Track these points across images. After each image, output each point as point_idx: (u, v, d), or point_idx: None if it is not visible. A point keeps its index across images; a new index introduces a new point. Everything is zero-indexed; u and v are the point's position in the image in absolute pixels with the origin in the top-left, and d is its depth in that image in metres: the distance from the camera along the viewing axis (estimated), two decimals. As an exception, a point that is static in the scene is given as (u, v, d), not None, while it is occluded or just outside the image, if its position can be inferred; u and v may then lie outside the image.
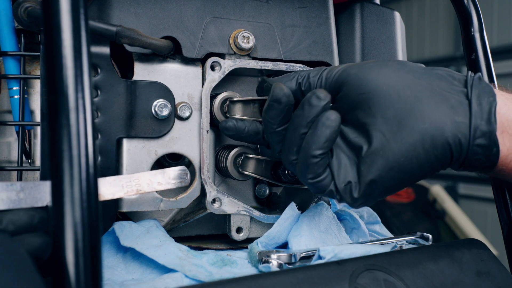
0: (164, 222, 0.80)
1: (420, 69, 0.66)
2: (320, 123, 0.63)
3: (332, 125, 0.63)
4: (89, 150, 0.43)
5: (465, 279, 0.66)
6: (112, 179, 0.61)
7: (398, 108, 0.62)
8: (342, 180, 0.65)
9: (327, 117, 0.63)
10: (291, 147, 0.67)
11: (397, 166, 0.62)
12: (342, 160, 0.66)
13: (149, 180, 0.64)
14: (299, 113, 0.65)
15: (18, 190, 0.52)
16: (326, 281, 0.59)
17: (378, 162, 0.62)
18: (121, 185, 0.62)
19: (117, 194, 0.61)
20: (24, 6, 0.68)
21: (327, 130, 0.63)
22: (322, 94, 0.64)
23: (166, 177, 0.66)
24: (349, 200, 0.65)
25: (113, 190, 0.61)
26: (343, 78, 0.66)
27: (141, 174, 0.63)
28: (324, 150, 0.64)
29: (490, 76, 0.92)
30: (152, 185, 0.64)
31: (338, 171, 0.65)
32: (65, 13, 0.44)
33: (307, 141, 0.64)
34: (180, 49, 0.76)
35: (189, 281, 0.65)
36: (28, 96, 0.76)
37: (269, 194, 0.89)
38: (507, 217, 0.85)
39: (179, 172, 0.67)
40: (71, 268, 0.41)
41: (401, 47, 1.01)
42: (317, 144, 0.63)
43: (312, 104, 0.64)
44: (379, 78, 0.64)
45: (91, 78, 0.45)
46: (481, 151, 0.62)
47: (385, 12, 0.98)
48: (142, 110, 0.73)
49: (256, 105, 0.80)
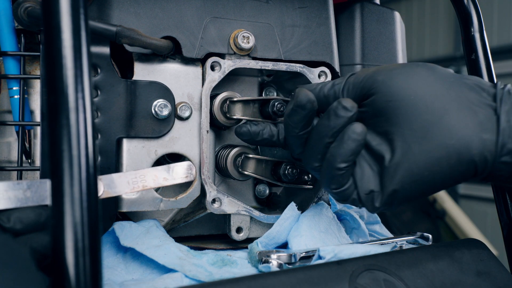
0: (164, 222, 0.80)
1: (450, 77, 0.65)
2: (346, 136, 0.62)
3: (358, 139, 0.62)
4: (89, 150, 0.43)
5: (465, 279, 0.66)
6: (118, 176, 0.61)
7: (426, 120, 0.61)
8: (365, 189, 0.64)
9: (353, 130, 0.62)
10: (314, 155, 0.66)
11: (420, 179, 0.61)
12: (365, 170, 0.65)
13: (155, 176, 0.64)
14: (324, 123, 0.64)
15: (25, 189, 0.52)
16: (326, 281, 0.59)
17: (401, 173, 0.61)
18: (127, 182, 0.61)
19: (123, 191, 0.61)
20: (24, 6, 0.68)
21: (353, 144, 0.62)
22: (349, 104, 0.63)
23: (172, 173, 0.65)
24: (370, 208, 0.65)
25: (119, 187, 0.61)
26: (370, 84, 0.65)
27: (147, 170, 0.63)
28: (349, 163, 0.63)
29: (490, 76, 0.92)
30: (158, 180, 0.64)
31: (361, 181, 0.64)
32: (65, 13, 0.44)
33: (332, 153, 0.64)
34: (180, 49, 0.76)
35: (189, 281, 0.65)
36: (28, 96, 0.76)
37: (269, 194, 0.89)
38: (507, 217, 0.85)
39: (184, 167, 0.66)
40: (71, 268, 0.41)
41: (401, 47, 1.01)
42: (343, 157, 0.63)
43: (339, 114, 0.63)
44: (407, 86, 0.63)
45: (91, 78, 0.45)
46: (505, 168, 0.61)
47: (385, 12, 0.98)
48: (142, 110, 0.73)
49: (256, 105, 0.80)
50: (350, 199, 0.65)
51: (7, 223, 0.51)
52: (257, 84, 0.88)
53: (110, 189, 0.60)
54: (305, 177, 0.84)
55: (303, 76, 0.83)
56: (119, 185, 0.61)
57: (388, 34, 0.98)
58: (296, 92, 0.66)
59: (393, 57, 0.99)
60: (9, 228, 0.50)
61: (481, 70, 0.92)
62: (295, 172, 0.81)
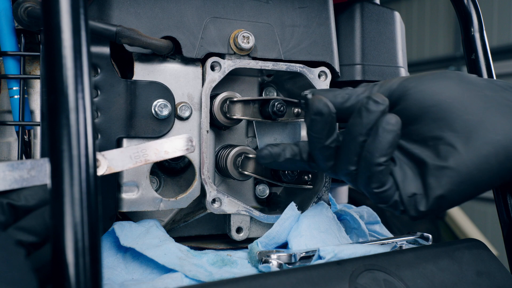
0: (164, 222, 0.80)
1: (481, 80, 0.65)
2: (381, 129, 0.60)
3: (394, 129, 0.60)
4: (89, 150, 0.43)
5: (465, 279, 0.66)
6: (120, 151, 0.60)
7: (467, 120, 0.60)
8: (408, 191, 0.62)
9: (387, 121, 0.60)
10: (350, 157, 0.63)
11: (469, 179, 0.60)
12: (407, 171, 0.63)
13: (156, 149, 0.63)
14: (356, 121, 0.62)
15: (29, 168, 0.53)
16: (326, 281, 0.59)
17: (449, 175, 0.60)
18: (129, 156, 0.61)
19: (127, 166, 0.60)
20: (24, 6, 0.68)
21: (389, 135, 0.60)
22: (380, 98, 0.61)
23: (173, 146, 0.65)
24: (414, 213, 0.62)
25: (122, 162, 0.60)
26: (401, 91, 0.64)
27: (147, 144, 0.62)
28: (388, 157, 0.61)
29: (490, 76, 0.92)
30: (159, 154, 0.63)
31: (403, 182, 0.63)
32: (65, 13, 0.44)
33: (368, 149, 0.61)
34: (180, 49, 0.76)
35: (189, 281, 0.65)
36: (28, 96, 0.76)
37: (269, 194, 0.89)
38: (507, 217, 0.85)
39: (184, 140, 0.66)
40: (71, 268, 0.41)
41: (401, 47, 1.01)
42: (381, 151, 0.61)
43: (370, 109, 0.61)
44: (441, 90, 0.62)
45: (91, 78, 0.45)
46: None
47: (385, 12, 0.98)
48: (142, 110, 0.73)
49: (256, 105, 0.80)
50: (392, 201, 0.63)
51: (18, 201, 0.52)
52: (257, 84, 0.88)
53: (113, 164, 0.59)
54: (305, 177, 0.84)
55: (303, 76, 0.83)
56: (122, 160, 0.60)
57: (388, 34, 0.98)
58: (309, 102, 0.64)
59: (393, 57, 0.99)
60: (21, 206, 0.51)
61: (481, 70, 0.92)
62: (295, 172, 0.81)
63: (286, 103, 0.80)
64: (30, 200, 0.52)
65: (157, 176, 0.81)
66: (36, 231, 0.51)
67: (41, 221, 0.51)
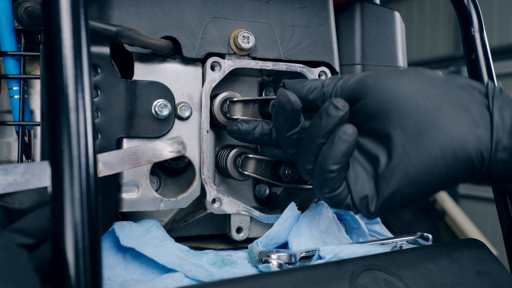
0: (164, 222, 0.80)
1: (439, 78, 0.64)
2: (337, 138, 0.61)
3: (349, 140, 0.61)
4: (89, 150, 0.43)
5: (465, 279, 0.66)
6: (112, 154, 0.60)
7: (418, 120, 0.60)
8: (359, 194, 0.63)
9: (344, 131, 0.61)
10: (308, 156, 0.65)
11: (417, 180, 0.60)
12: (359, 173, 0.64)
13: (148, 152, 0.63)
14: (316, 123, 0.63)
15: (23, 172, 0.53)
16: (326, 281, 0.59)
17: (397, 176, 0.60)
18: (122, 158, 0.61)
19: (119, 169, 0.61)
20: (24, 6, 0.68)
21: (344, 145, 0.61)
22: (340, 104, 0.62)
23: (163, 148, 0.65)
24: (366, 213, 0.63)
25: (114, 164, 0.60)
26: (360, 88, 0.65)
27: (138, 147, 0.63)
28: (341, 165, 0.62)
29: (490, 76, 0.92)
30: (151, 157, 0.64)
31: (355, 185, 0.63)
32: (65, 13, 0.44)
33: (323, 155, 0.62)
34: (180, 49, 0.76)
35: (189, 281, 0.65)
36: (28, 96, 0.76)
37: (269, 194, 0.89)
38: (507, 217, 0.85)
39: (175, 142, 0.66)
40: (71, 268, 0.41)
41: (401, 47, 1.01)
42: (334, 159, 0.61)
43: (330, 114, 0.62)
44: (397, 88, 0.62)
45: (91, 78, 0.45)
46: (502, 166, 0.60)
47: (385, 12, 0.98)
48: (142, 110, 0.73)
49: (256, 105, 0.80)
50: (344, 204, 0.64)
51: (12, 204, 0.52)
52: (257, 84, 0.88)
53: (107, 167, 0.60)
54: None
55: (303, 76, 0.83)
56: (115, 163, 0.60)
57: (388, 34, 0.98)
58: (277, 93, 0.66)
59: (393, 57, 0.99)
60: (15, 209, 0.51)
61: (481, 70, 0.92)
62: (295, 172, 0.81)
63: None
64: (24, 202, 0.52)
65: (157, 176, 0.81)
66: (32, 233, 0.51)
67: (37, 223, 0.51)
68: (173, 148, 0.65)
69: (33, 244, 0.51)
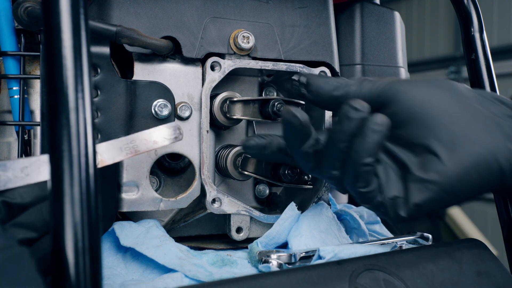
0: (164, 222, 0.80)
1: (470, 92, 0.65)
2: (369, 129, 0.61)
3: (381, 129, 0.61)
4: (89, 150, 0.43)
5: (465, 279, 0.66)
6: (110, 143, 0.60)
7: (453, 131, 0.61)
8: (390, 193, 0.62)
9: (375, 121, 0.61)
10: (332, 163, 0.64)
11: (450, 189, 0.60)
12: (389, 173, 0.64)
13: (145, 140, 0.63)
14: (337, 129, 0.62)
15: (22, 167, 0.53)
16: (326, 281, 0.59)
17: (430, 185, 0.60)
18: (120, 148, 0.61)
19: (118, 158, 0.60)
20: (24, 6, 0.68)
21: (376, 136, 0.60)
22: (359, 104, 0.61)
23: (161, 135, 0.65)
24: (394, 216, 0.63)
25: (112, 154, 0.60)
26: (391, 93, 0.64)
27: (136, 135, 0.62)
28: (375, 157, 0.62)
29: (490, 76, 0.92)
30: (148, 144, 0.64)
31: (387, 183, 0.63)
32: (65, 13, 0.44)
33: (356, 150, 0.61)
34: (180, 49, 0.76)
35: (189, 281, 0.65)
36: (28, 96, 0.76)
37: (269, 194, 0.89)
38: (507, 217, 0.85)
39: (171, 128, 0.66)
40: (71, 268, 0.41)
41: (401, 47, 1.01)
42: (367, 151, 0.61)
43: (351, 117, 0.61)
44: (431, 98, 0.63)
45: (91, 78, 0.45)
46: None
47: (385, 12, 0.98)
48: (142, 110, 0.73)
49: (256, 105, 0.80)
50: (375, 201, 0.63)
51: (13, 199, 0.52)
52: (257, 84, 0.88)
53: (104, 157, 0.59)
54: (305, 177, 0.84)
55: (303, 76, 0.83)
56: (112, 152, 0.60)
57: (388, 34, 0.98)
58: (281, 112, 0.64)
59: (393, 57, 0.99)
60: (17, 204, 0.52)
61: (481, 70, 0.92)
62: (295, 172, 0.81)
63: (286, 103, 0.80)
64: (25, 197, 0.52)
65: (157, 176, 0.81)
66: (35, 226, 0.51)
67: (39, 216, 0.51)
68: (169, 133, 0.65)
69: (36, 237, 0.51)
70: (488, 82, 0.92)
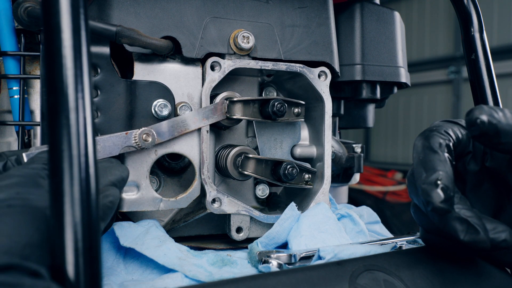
0: (164, 222, 0.80)
1: None
2: None
3: None
4: (89, 150, 0.43)
5: (465, 279, 0.66)
6: (164, 123, 0.69)
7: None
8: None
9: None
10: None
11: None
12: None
13: (195, 118, 0.72)
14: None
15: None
16: (326, 281, 0.59)
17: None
18: (172, 126, 0.69)
19: (169, 136, 0.67)
20: (24, 6, 0.68)
21: None
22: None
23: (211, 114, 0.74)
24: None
25: (166, 133, 0.69)
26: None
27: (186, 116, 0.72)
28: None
29: (490, 76, 0.93)
30: (197, 122, 0.73)
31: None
32: (65, 13, 0.44)
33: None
34: (180, 49, 0.76)
35: (189, 281, 0.65)
36: (28, 96, 0.76)
37: (269, 194, 0.89)
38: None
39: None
40: (70, 268, 0.41)
41: (401, 47, 1.01)
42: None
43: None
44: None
45: (91, 78, 0.45)
46: None
47: (385, 12, 0.98)
48: (142, 110, 0.73)
49: (256, 105, 0.80)
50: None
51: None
52: (257, 84, 0.88)
53: (160, 136, 0.69)
54: (305, 177, 0.84)
55: (303, 76, 0.83)
56: (166, 131, 0.70)
57: (388, 34, 0.98)
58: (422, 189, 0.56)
59: (393, 57, 0.99)
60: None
61: (481, 70, 0.92)
62: (295, 172, 0.81)
63: (286, 103, 0.80)
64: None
65: (157, 176, 0.81)
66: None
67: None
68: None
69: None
70: (488, 82, 0.92)
